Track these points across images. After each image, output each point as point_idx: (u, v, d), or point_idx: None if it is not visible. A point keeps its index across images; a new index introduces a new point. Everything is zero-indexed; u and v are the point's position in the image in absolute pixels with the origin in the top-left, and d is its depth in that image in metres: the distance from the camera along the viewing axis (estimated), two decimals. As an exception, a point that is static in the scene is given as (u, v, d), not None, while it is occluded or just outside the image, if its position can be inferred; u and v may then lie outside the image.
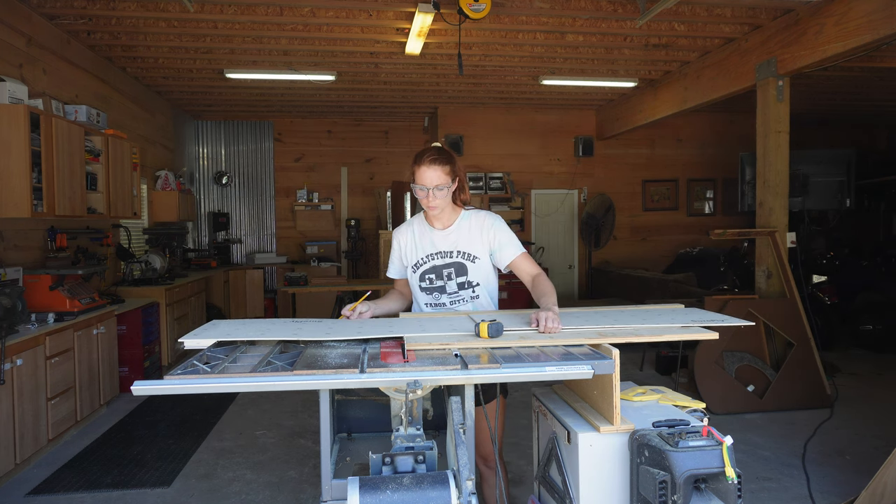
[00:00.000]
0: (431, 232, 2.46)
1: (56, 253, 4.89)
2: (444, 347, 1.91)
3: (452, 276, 2.42)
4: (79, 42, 5.62)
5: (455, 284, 2.42)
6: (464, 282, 2.42)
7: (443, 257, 2.43)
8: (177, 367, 1.75)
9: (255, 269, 9.13)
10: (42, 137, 4.38)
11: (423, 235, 2.48)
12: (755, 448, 4.08)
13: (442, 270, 2.43)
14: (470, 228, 2.43)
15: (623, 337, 1.98)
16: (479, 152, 9.24)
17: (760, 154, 5.50)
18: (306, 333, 2.01)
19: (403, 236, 2.54)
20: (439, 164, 2.33)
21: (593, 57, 6.44)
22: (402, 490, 1.47)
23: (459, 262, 2.41)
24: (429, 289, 2.45)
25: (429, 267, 2.44)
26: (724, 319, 2.13)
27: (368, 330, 2.08)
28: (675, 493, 1.62)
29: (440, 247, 2.43)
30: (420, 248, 2.46)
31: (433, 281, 2.44)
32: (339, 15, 5.14)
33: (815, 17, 4.85)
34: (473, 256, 2.41)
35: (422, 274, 2.45)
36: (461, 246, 2.42)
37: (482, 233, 2.41)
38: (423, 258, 2.45)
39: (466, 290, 2.43)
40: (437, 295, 2.45)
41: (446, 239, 2.43)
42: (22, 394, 3.68)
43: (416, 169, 2.35)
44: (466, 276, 2.42)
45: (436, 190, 2.32)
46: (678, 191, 9.98)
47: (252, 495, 3.47)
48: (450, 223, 2.45)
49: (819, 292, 6.75)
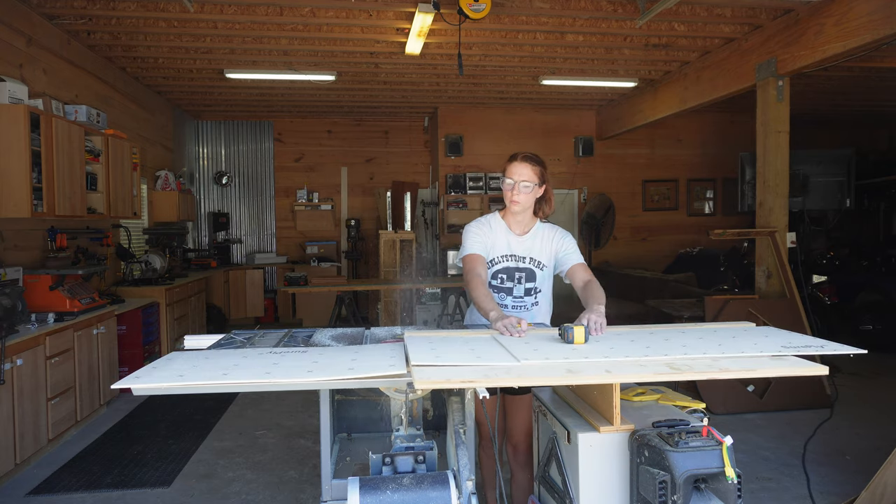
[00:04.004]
0: (508, 234, 2.53)
1: (56, 253, 4.89)
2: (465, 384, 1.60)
3: (523, 280, 2.51)
4: (79, 42, 5.62)
5: (523, 289, 2.52)
6: (531, 288, 2.52)
7: (517, 261, 2.52)
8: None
9: (255, 269, 9.13)
10: (42, 137, 4.38)
11: (499, 235, 2.53)
12: (755, 448, 4.08)
13: (514, 273, 2.51)
14: (543, 237, 2.55)
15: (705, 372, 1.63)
16: (479, 152, 9.24)
17: (760, 154, 5.50)
18: (281, 372, 1.61)
19: (481, 228, 2.54)
20: (530, 163, 2.46)
21: (593, 57, 6.44)
22: (402, 490, 1.47)
23: (531, 269, 2.52)
24: (497, 287, 2.51)
25: (502, 267, 2.51)
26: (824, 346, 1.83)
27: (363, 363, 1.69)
28: (675, 493, 1.62)
29: (516, 250, 2.52)
30: (496, 246, 2.51)
31: (504, 281, 2.51)
32: (339, 15, 5.14)
33: (814, 17, 4.85)
34: (543, 265, 2.53)
35: (495, 272, 2.51)
36: (534, 253, 2.52)
37: (553, 241, 2.54)
38: (498, 258, 2.51)
39: (530, 297, 2.53)
40: (502, 295, 2.52)
41: (522, 244, 2.52)
42: (22, 394, 3.67)
43: (508, 165, 2.48)
44: (535, 282, 2.52)
45: (522, 185, 2.43)
46: (678, 191, 9.98)
47: (252, 495, 3.47)
48: (527, 230, 2.55)
49: (819, 292, 6.75)
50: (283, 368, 1.66)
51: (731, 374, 1.63)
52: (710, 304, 5.03)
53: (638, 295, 7.32)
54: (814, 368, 1.66)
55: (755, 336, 2.02)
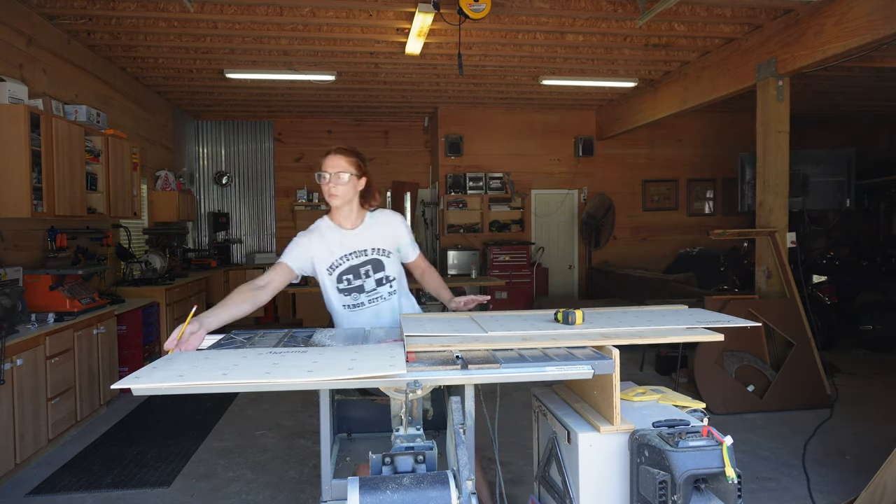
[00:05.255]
0: (340, 232, 2.45)
1: (56, 253, 4.89)
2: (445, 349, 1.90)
3: (370, 273, 2.44)
4: (79, 42, 5.62)
5: (373, 281, 2.44)
6: (381, 277, 2.46)
7: (358, 256, 2.43)
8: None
9: (255, 269, 9.12)
10: (42, 137, 4.38)
11: (330, 237, 2.45)
12: (755, 448, 4.08)
13: (359, 269, 2.43)
14: (379, 224, 2.50)
15: (627, 339, 1.98)
16: (479, 152, 9.25)
17: (760, 154, 5.50)
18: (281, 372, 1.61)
19: (310, 238, 2.45)
20: (344, 155, 2.42)
21: (593, 57, 6.44)
22: (402, 490, 1.47)
23: (375, 259, 2.45)
24: (347, 290, 2.43)
25: (346, 267, 2.42)
26: (729, 320, 2.13)
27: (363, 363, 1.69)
28: (675, 493, 1.62)
29: (352, 246, 2.44)
30: (330, 250, 2.42)
31: (351, 281, 2.42)
32: (339, 15, 5.15)
33: (814, 17, 4.85)
34: (387, 251, 2.47)
35: (339, 276, 2.42)
36: (374, 243, 2.46)
37: (392, 228, 2.52)
38: (337, 260, 2.42)
39: (384, 286, 2.47)
40: (355, 295, 2.44)
41: (358, 237, 2.46)
42: (22, 394, 3.67)
43: (322, 160, 2.44)
44: (384, 271, 2.46)
45: (336, 176, 2.38)
46: (678, 191, 9.98)
47: (252, 495, 3.47)
48: (359, 222, 2.49)
49: (819, 292, 6.75)
50: (283, 368, 1.66)
51: (647, 340, 1.99)
52: (710, 304, 5.02)
53: (638, 295, 7.32)
54: (710, 336, 1.99)
55: (682, 315, 2.26)
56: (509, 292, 8.50)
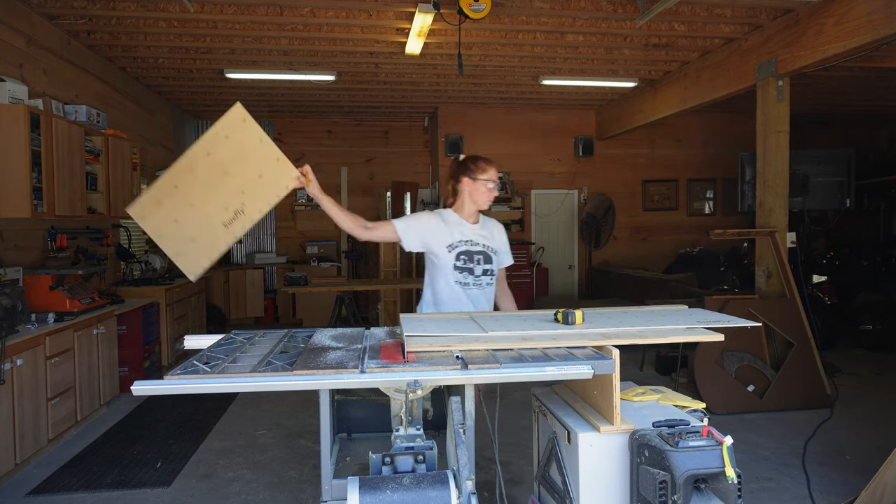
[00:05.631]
0: (463, 224, 2.80)
1: (56, 253, 4.89)
2: (445, 349, 1.90)
3: (481, 262, 2.77)
4: (79, 42, 5.62)
5: (481, 270, 2.77)
6: (488, 269, 2.78)
7: (474, 245, 2.78)
8: (177, 367, 1.75)
9: (255, 269, 9.13)
10: (42, 137, 4.38)
11: (454, 224, 2.79)
12: (755, 448, 4.08)
13: (474, 255, 2.77)
14: (491, 228, 2.90)
15: (627, 339, 1.99)
16: (479, 152, 9.23)
17: (760, 154, 5.50)
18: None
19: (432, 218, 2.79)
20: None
21: (593, 57, 6.44)
22: (402, 490, 1.47)
23: (486, 253, 2.79)
24: (461, 268, 2.74)
25: (464, 249, 2.75)
26: (729, 320, 2.14)
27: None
28: (675, 493, 1.62)
29: (471, 237, 2.78)
30: (451, 233, 2.75)
31: (466, 262, 2.75)
32: (339, 15, 5.15)
33: (814, 17, 4.85)
34: (494, 250, 2.82)
35: (458, 254, 2.74)
36: (486, 240, 2.81)
37: (500, 234, 2.92)
38: (457, 242, 2.75)
39: (486, 277, 2.78)
40: (465, 275, 2.75)
41: (476, 232, 2.81)
42: (22, 394, 3.67)
43: (482, 165, 2.85)
44: (491, 264, 2.79)
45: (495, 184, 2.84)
46: (678, 191, 9.98)
47: (252, 495, 3.47)
48: (478, 220, 2.87)
49: (819, 292, 6.75)
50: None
51: (647, 340, 2.01)
52: (710, 304, 5.02)
53: (638, 295, 7.32)
54: (710, 336, 2.01)
55: (682, 315, 2.28)
56: (509, 292, 8.49)
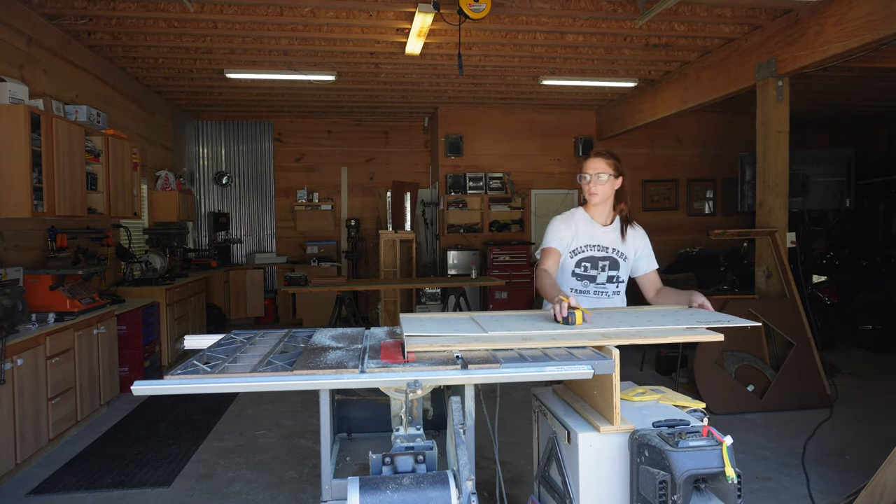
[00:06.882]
0: (593, 225, 2.70)
1: (56, 253, 4.89)
2: (445, 349, 1.90)
3: (606, 268, 2.69)
4: (79, 42, 5.62)
5: (605, 276, 2.69)
6: (614, 276, 2.70)
7: (601, 250, 2.68)
8: (177, 367, 1.75)
9: (255, 269, 9.13)
10: (42, 137, 4.38)
11: (583, 225, 2.71)
12: (755, 448, 4.08)
13: (598, 261, 2.68)
14: (626, 231, 2.75)
15: (627, 339, 1.99)
16: (479, 152, 9.24)
17: (760, 154, 5.50)
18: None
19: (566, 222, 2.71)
20: (602, 158, 2.67)
21: (593, 57, 6.44)
22: (402, 490, 1.47)
23: (614, 259, 2.69)
24: (581, 275, 2.68)
25: (587, 256, 2.67)
26: (730, 320, 2.14)
27: None
28: (675, 493, 1.62)
29: (600, 240, 2.69)
30: (579, 237, 2.68)
31: (587, 269, 2.68)
32: (339, 15, 5.14)
33: (814, 17, 4.85)
34: (625, 256, 2.71)
35: (579, 260, 2.67)
36: (618, 244, 2.70)
37: (635, 238, 2.75)
38: (582, 247, 2.67)
39: (612, 284, 2.70)
40: (585, 283, 2.68)
41: (606, 234, 2.71)
42: (22, 394, 3.68)
43: (586, 160, 2.70)
44: (618, 270, 2.70)
45: (596, 177, 2.63)
46: (678, 191, 9.97)
47: (252, 495, 3.48)
48: (610, 221, 2.73)
49: (819, 292, 6.74)
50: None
51: (647, 340, 2.01)
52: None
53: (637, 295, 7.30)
54: (711, 336, 2.01)
55: (683, 315, 2.28)
56: (509, 292, 8.50)
